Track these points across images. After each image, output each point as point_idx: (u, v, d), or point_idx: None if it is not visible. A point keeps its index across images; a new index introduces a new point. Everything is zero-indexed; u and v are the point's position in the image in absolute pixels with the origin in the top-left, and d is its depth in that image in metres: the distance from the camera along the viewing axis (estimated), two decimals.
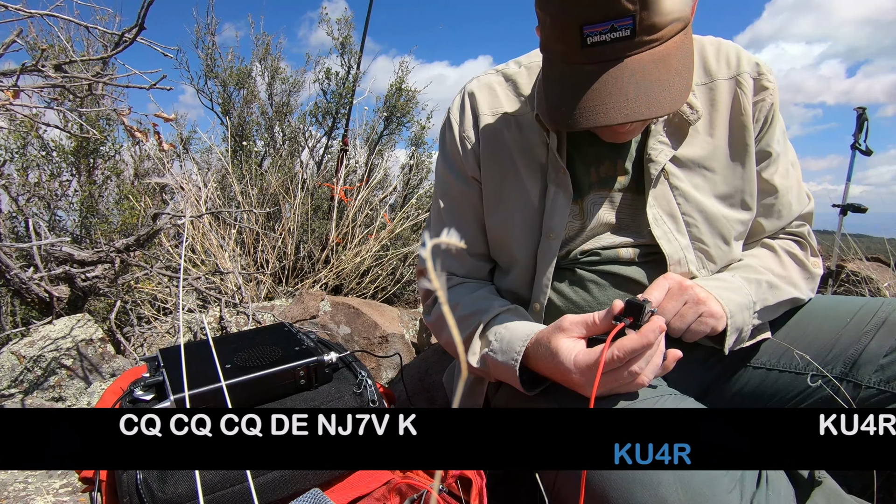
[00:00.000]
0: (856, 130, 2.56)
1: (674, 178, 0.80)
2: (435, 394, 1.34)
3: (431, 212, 1.00)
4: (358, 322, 1.66)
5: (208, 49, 3.47)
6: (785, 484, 0.60)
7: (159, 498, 0.65)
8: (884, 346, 0.75)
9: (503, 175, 0.86)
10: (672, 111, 0.65)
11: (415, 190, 3.63)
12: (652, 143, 0.79)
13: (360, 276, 2.67)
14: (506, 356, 0.74)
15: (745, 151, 0.81)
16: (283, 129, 3.60)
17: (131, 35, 1.18)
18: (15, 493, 0.85)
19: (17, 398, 1.20)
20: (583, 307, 0.83)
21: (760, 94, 0.80)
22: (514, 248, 0.85)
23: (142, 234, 1.49)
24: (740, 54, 0.82)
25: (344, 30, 3.49)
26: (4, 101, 1.04)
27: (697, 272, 0.80)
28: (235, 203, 2.85)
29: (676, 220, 0.80)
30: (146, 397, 0.80)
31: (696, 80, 0.82)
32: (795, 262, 0.85)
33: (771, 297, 0.79)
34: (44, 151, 2.47)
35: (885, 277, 2.22)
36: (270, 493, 0.72)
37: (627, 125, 0.71)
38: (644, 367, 0.61)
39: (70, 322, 1.38)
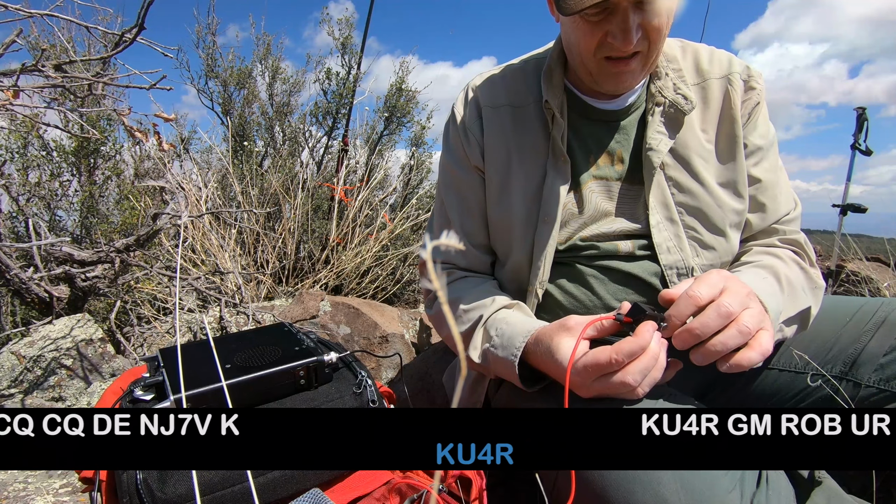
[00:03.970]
0: (856, 130, 2.56)
1: (668, 168, 0.82)
2: (435, 394, 1.34)
3: (434, 208, 1.02)
4: (358, 322, 1.66)
5: (209, 49, 3.47)
6: (785, 484, 0.60)
7: (159, 498, 0.65)
8: (883, 345, 0.75)
9: (506, 165, 0.87)
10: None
11: (415, 190, 3.63)
12: (651, 134, 0.82)
13: (360, 277, 2.67)
14: (506, 351, 0.74)
15: (736, 143, 0.83)
16: (284, 129, 3.60)
17: (131, 35, 1.18)
18: (15, 493, 0.85)
19: (17, 398, 1.20)
20: (584, 302, 0.83)
21: (748, 94, 0.84)
22: (514, 236, 0.86)
23: (142, 234, 1.49)
24: (732, 59, 0.86)
25: (345, 30, 3.49)
26: (5, 101, 1.04)
27: (692, 261, 0.81)
28: (236, 203, 2.85)
29: (670, 209, 0.81)
30: (146, 397, 0.80)
31: (690, 81, 0.85)
32: (801, 271, 0.85)
33: (791, 306, 0.77)
34: (44, 151, 2.46)
35: (885, 277, 2.22)
36: (270, 493, 0.72)
37: (631, 62, 0.73)
38: (640, 380, 0.61)
39: (70, 322, 1.38)
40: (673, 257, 0.80)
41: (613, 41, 0.71)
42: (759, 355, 0.60)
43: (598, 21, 0.71)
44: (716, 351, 0.59)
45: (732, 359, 0.60)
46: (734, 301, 0.61)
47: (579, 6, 0.67)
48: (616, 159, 0.85)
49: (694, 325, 0.60)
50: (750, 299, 0.63)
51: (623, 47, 0.71)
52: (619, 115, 0.85)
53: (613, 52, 0.73)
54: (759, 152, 0.85)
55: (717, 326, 0.60)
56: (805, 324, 0.79)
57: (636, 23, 0.69)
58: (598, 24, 0.71)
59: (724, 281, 0.63)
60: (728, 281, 0.64)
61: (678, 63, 0.85)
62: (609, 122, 0.86)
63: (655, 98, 0.83)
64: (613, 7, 0.69)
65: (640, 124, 0.85)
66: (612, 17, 0.70)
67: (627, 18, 0.69)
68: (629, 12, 0.68)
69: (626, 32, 0.69)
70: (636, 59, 0.74)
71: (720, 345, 0.59)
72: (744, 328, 0.60)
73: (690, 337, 0.60)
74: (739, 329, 0.59)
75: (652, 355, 0.61)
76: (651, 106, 0.83)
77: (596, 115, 0.86)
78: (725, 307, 0.60)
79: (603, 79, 0.78)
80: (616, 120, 0.85)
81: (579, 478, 0.60)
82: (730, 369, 0.60)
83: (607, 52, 0.74)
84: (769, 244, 0.87)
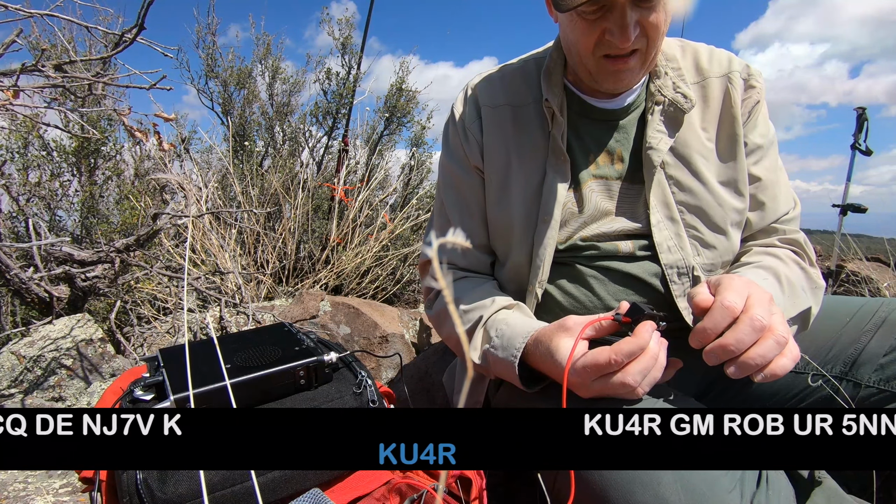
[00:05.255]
0: (856, 130, 2.56)
1: (668, 166, 0.82)
2: (435, 394, 1.34)
3: (434, 208, 1.02)
4: (358, 322, 1.66)
5: (209, 49, 3.47)
6: (785, 484, 0.60)
7: (159, 498, 0.65)
8: (883, 345, 0.75)
9: (506, 165, 0.87)
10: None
11: (415, 190, 3.63)
12: (650, 132, 0.82)
13: (360, 277, 2.67)
14: (506, 352, 0.74)
15: (736, 142, 0.83)
16: (284, 129, 3.60)
17: (131, 35, 1.18)
18: (15, 493, 0.85)
19: (17, 398, 1.20)
20: (584, 302, 0.83)
21: (748, 92, 0.84)
22: (514, 235, 0.86)
23: (142, 234, 1.49)
24: (731, 58, 0.86)
25: (345, 30, 3.49)
26: (5, 101, 1.04)
27: (692, 260, 0.80)
28: (236, 203, 2.85)
29: (670, 207, 0.81)
30: (146, 397, 0.80)
31: (689, 79, 0.85)
32: (801, 271, 0.85)
33: (792, 307, 0.77)
34: (44, 151, 2.46)
35: (885, 277, 2.22)
36: (270, 493, 0.72)
37: (630, 60, 0.74)
38: (640, 380, 0.60)
39: (70, 322, 1.38)
40: (673, 256, 0.80)
41: (611, 38, 0.71)
42: (791, 362, 0.59)
43: (595, 19, 0.71)
44: (755, 364, 0.58)
45: (767, 368, 0.58)
46: (764, 312, 0.59)
47: (575, 2, 0.67)
48: (616, 158, 0.85)
49: (728, 341, 0.58)
50: (773, 306, 0.61)
51: (621, 44, 0.71)
52: (619, 115, 0.85)
53: (612, 49, 0.73)
54: (759, 151, 0.85)
55: (752, 341, 0.58)
56: (806, 324, 0.79)
57: (634, 20, 0.69)
58: (595, 22, 0.71)
59: (748, 288, 0.62)
60: (751, 288, 0.62)
61: (677, 62, 0.85)
62: (609, 121, 0.85)
63: (655, 97, 0.83)
64: (611, 4, 0.69)
65: (639, 123, 0.85)
66: (609, 14, 0.70)
67: (625, 15, 0.69)
68: (627, 9, 0.68)
69: (624, 29, 0.69)
70: (635, 57, 0.74)
71: (759, 358, 0.58)
72: (781, 338, 0.58)
73: (724, 352, 0.58)
74: (777, 339, 0.58)
75: (651, 355, 0.61)
76: (650, 105, 0.83)
77: (595, 115, 0.86)
78: (759, 320, 0.58)
79: (602, 77, 0.78)
80: (615, 119, 0.85)
81: (579, 478, 0.60)
82: (764, 379, 0.58)
83: (606, 49, 0.74)
84: (769, 244, 0.87)
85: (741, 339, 0.58)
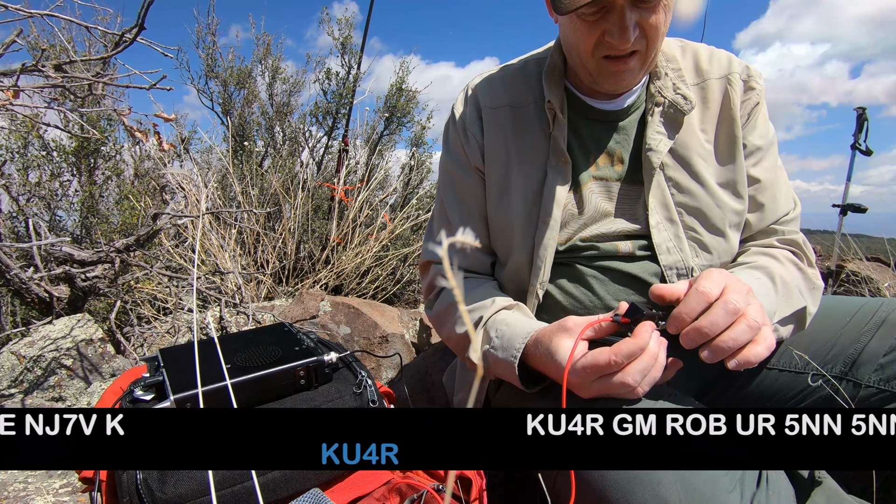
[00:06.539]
0: (856, 130, 2.56)
1: (668, 168, 0.82)
2: (435, 394, 1.34)
3: (434, 209, 1.02)
4: (358, 322, 1.66)
5: (209, 49, 3.47)
6: (785, 484, 0.60)
7: (159, 498, 0.65)
8: (883, 345, 0.75)
9: (506, 165, 0.87)
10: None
11: (415, 190, 3.63)
12: (650, 134, 0.82)
13: (360, 277, 2.67)
14: (506, 353, 0.74)
15: (735, 143, 0.83)
16: (284, 129, 3.60)
17: (131, 35, 1.18)
18: (15, 493, 0.85)
19: (17, 398, 1.20)
20: (584, 302, 0.83)
21: (748, 94, 0.84)
22: (514, 236, 0.86)
23: (142, 234, 1.49)
24: (731, 58, 0.86)
25: (345, 30, 3.49)
26: (5, 101, 1.04)
27: (692, 261, 0.80)
28: (236, 203, 2.85)
29: (669, 209, 0.81)
30: (146, 397, 0.80)
31: (689, 81, 0.85)
32: (798, 271, 0.85)
33: (786, 307, 0.77)
34: (44, 151, 2.46)
35: (885, 277, 2.23)
36: (270, 493, 0.72)
37: (630, 61, 0.74)
38: (640, 380, 0.61)
39: (70, 322, 1.38)
40: (673, 258, 0.80)
41: (611, 40, 0.71)
42: (765, 350, 0.60)
43: (595, 20, 0.71)
44: (727, 347, 0.59)
45: (740, 354, 0.59)
46: (739, 298, 0.61)
47: (574, 4, 0.67)
48: (616, 160, 0.85)
49: (703, 324, 0.60)
50: (751, 296, 0.63)
51: (621, 45, 0.71)
52: (619, 116, 0.85)
53: (611, 50, 0.73)
54: (759, 152, 0.85)
55: (725, 324, 0.60)
56: (802, 324, 0.79)
57: (633, 21, 0.69)
58: (595, 24, 0.71)
59: (726, 278, 0.64)
60: (729, 278, 0.64)
61: (678, 63, 0.85)
62: (608, 122, 0.85)
63: (655, 98, 0.83)
64: (610, 5, 0.69)
65: (639, 125, 0.85)
66: (609, 15, 0.70)
67: (624, 17, 0.69)
68: (626, 10, 0.69)
69: (624, 30, 0.70)
70: (635, 58, 0.74)
71: (731, 341, 0.59)
72: (753, 323, 0.60)
73: (699, 335, 0.60)
74: (749, 324, 0.59)
75: (651, 355, 0.61)
76: (650, 106, 0.83)
77: (595, 116, 0.86)
78: (733, 304, 0.60)
79: (602, 78, 0.78)
80: (615, 120, 0.85)
81: (579, 478, 0.60)
82: (738, 366, 0.60)
83: (605, 51, 0.74)
84: (767, 244, 0.87)
85: (714, 322, 0.59)
